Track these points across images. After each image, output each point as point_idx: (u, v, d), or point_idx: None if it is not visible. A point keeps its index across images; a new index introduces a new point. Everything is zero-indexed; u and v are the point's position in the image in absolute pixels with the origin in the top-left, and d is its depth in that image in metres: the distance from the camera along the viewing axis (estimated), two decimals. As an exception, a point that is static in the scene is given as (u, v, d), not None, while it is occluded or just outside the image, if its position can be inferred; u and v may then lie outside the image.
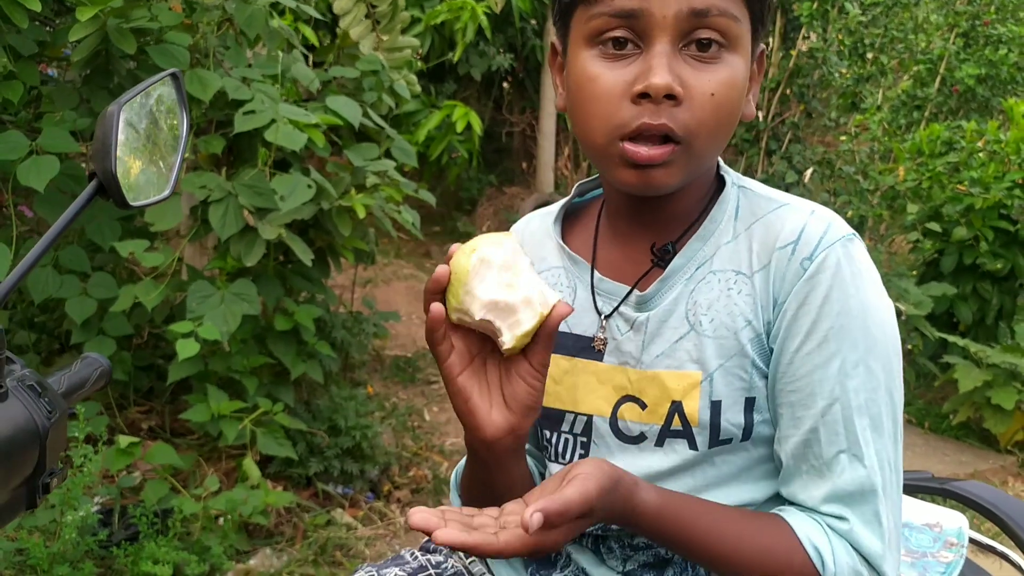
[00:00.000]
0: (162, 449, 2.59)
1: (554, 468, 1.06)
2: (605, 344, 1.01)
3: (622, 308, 1.00)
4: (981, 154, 4.49)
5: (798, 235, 0.91)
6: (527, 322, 0.86)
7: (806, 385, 0.89)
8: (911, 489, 1.35)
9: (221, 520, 2.58)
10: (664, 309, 0.97)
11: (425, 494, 3.23)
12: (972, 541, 1.29)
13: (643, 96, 0.86)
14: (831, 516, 0.89)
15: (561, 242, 1.08)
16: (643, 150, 0.87)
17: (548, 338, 0.87)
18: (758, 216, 0.96)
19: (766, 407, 0.94)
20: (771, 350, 0.92)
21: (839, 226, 0.92)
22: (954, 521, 1.27)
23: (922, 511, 1.29)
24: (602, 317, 1.01)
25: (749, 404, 0.93)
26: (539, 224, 1.13)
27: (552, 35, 1.02)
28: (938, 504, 1.35)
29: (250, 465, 2.71)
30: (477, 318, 0.86)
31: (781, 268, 0.91)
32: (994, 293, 4.42)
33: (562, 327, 1.03)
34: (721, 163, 1.02)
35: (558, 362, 1.03)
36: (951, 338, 4.16)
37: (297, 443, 2.94)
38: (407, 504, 3.16)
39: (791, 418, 0.91)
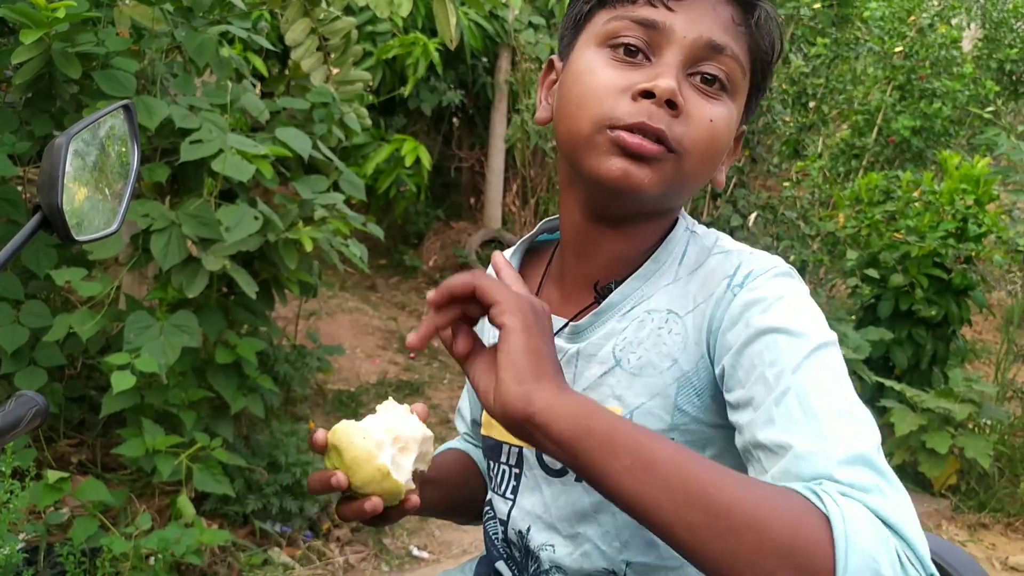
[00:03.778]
0: (92, 485, 2.49)
1: (495, 499, 1.07)
2: None
3: (556, 339, 1.00)
4: (917, 204, 4.62)
5: (734, 270, 0.91)
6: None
7: (758, 377, 0.82)
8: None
9: (152, 560, 2.49)
10: (594, 343, 0.97)
11: (366, 532, 3.16)
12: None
13: (645, 96, 0.86)
14: (844, 484, 0.70)
15: None
16: (636, 138, 0.86)
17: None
18: (700, 263, 0.96)
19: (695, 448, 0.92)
20: (720, 375, 0.87)
21: (777, 263, 0.92)
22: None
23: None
24: None
25: None
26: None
27: (553, 53, 1.02)
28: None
29: (185, 502, 2.62)
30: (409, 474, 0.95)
31: (717, 298, 0.91)
32: (928, 339, 4.52)
33: None
34: (682, 211, 1.03)
35: None
36: (887, 382, 4.23)
37: (235, 479, 2.85)
38: (347, 543, 3.08)
39: (759, 412, 0.81)
